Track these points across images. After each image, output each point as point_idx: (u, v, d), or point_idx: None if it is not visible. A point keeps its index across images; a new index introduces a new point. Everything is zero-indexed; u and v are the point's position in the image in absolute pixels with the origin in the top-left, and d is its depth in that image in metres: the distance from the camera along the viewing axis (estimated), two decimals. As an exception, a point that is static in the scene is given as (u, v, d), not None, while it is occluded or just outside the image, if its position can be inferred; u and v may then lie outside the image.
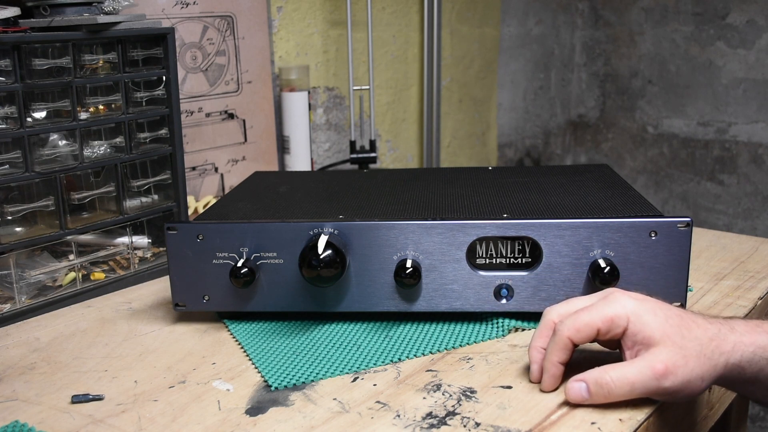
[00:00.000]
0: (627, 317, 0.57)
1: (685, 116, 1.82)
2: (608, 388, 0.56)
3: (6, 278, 0.81)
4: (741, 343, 0.56)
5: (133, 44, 0.88)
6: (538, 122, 1.92)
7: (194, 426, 0.57)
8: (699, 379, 0.55)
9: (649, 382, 0.55)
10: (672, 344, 0.56)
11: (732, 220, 1.79)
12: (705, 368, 0.56)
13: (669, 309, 0.58)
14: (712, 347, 0.56)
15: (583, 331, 0.58)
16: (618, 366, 0.57)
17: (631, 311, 0.58)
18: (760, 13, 1.66)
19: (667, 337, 0.56)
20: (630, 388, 0.56)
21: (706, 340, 0.56)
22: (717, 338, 0.57)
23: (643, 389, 0.56)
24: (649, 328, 0.57)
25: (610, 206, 0.76)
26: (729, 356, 0.56)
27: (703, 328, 0.57)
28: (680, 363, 0.55)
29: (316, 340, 0.72)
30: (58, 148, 0.83)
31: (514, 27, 1.78)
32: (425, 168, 1.20)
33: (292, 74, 1.23)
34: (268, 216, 0.77)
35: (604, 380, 0.56)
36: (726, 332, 0.57)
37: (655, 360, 0.55)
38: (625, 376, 0.56)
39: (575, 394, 0.58)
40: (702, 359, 0.56)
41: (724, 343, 0.56)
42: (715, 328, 0.57)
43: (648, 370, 0.55)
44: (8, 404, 0.62)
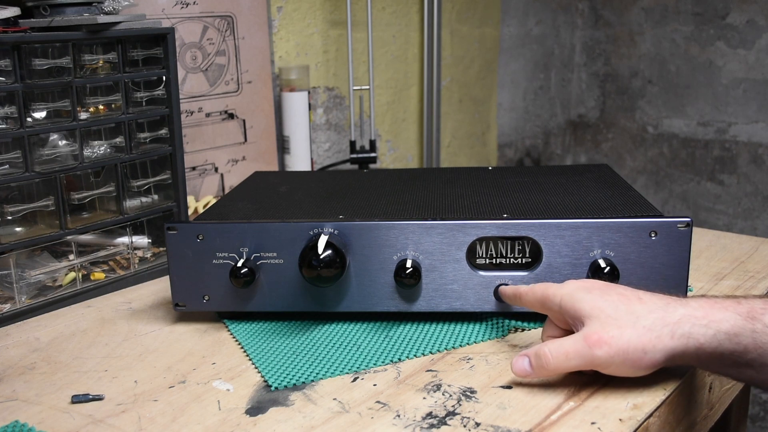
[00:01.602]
0: (560, 297, 0.61)
1: (685, 116, 1.82)
2: (546, 359, 0.58)
3: (6, 278, 0.81)
4: (691, 316, 0.56)
5: (133, 44, 0.88)
6: (538, 122, 1.92)
7: (194, 426, 0.57)
8: (640, 351, 0.56)
9: (583, 350, 0.57)
10: (605, 317, 0.57)
11: (732, 220, 1.79)
12: (645, 339, 0.55)
13: (613, 288, 0.60)
14: (652, 318, 0.56)
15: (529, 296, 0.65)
16: (557, 339, 0.59)
17: (566, 291, 0.61)
18: (760, 13, 1.66)
19: (599, 310, 0.58)
20: (565, 358, 0.58)
21: (646, 312, 0.57)
22: (660, 310, 0.57)
23: (578, 358, 0.57)
24: (580, 303, 0.59)
25: (610, 206, 0.76)
26: (675, 327, 0.55)
27: (647, 303, 0.58)
28: (614, 333, 0.56)
29: (316, 340, 0.72)
30: (58, 148, 0.83)
31: (514, 27, 1.78)
32: (425, 168, 1.20)
33: (292, 74, 1.23)
34: (268, 216, 0.77)
35: (542, 351, 0.59)
36: (675, 306, 0.57)
37: (589, 330, 0.57)
38: (562, 347, 0.58)
39: (519, 368, 0.60)
40: (640, 330, 0.56)
41: (669, 316, 0.56)
42: (662, 303, 0.58)
43: (581, 340, 0.57)
44: (8, 404, 0.62)
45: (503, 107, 1.80)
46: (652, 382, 0.61)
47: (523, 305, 0.68)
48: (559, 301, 0.61)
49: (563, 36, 1.94)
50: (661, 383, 0.61)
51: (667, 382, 0.61)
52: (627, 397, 0.59)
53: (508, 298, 0.70)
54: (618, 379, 0.61)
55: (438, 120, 1.54)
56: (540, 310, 0.65)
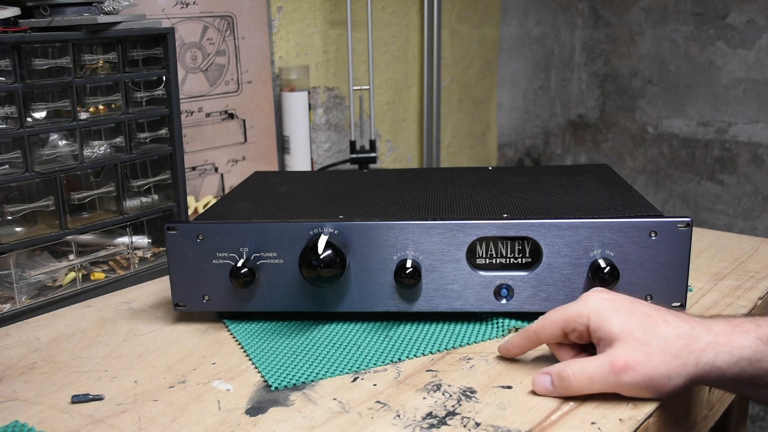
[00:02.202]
0: (588, 315, 0.58)
1: (685, 116, 1.82)
2: (569, 381, 0.57)
3: (6, 278, 0.81)
4: (715, 343, 0.55)
5: (133, 44, 0.88)
6: (538, 122, 1.92)
7: (194, 426, 0.57)
8: (665, 377, 0.55)
9: (608, 376, 0.56)
10: (633, 340, 0.55)
11: (732, 220, 1.79)
12: (671, 366, 0.54)
13: (637, 305, 0.58)
14: (679, 345, 0.55)
15: (547, 329, 0.61)
16: (581, 360, 0.58)
17: (593, 309, 0.58)
18: (760, 13, 1.66)
19: (628, 333, 0.56)
20: (589, 382, 0.56)
21: (674, 337, 0.55)
22: (687, 336, 0.55)
23: (602, 383, 0.56)
24: (609, 324, 0.57)
25: (610, 206, 0.76)
26: (700, 355, 0.55)
27: (672, 325, 0.56)
28: (641, 359, 0.55)
29: (316, 340, 0.72)
30: (58, 148, 0.83)
31: (514, 27, 1.78)
32: (425, 168, 1.20)
33: (292, 74, 1.23)
34: (268, 216, 0.77)
35: (565, 373, 0.57)
36: (700, 331, 0.56)
37: (615, 355, 0.56)
38: (585, 370, 0.57)
39: (540, 387, 0.59)
40: (667, 356, 0.55)
41: (695, 342, 0.55)
42: (688, 327, 0.56)
43: (607, 365, 0.56)
44: (8, 404, 0.62)
45: (503, 107, 1.80)
46: (652, 382, 0.61)
47: (543, 341, 0.63)
48: (586, 321, 0.58)
49: (563, 36, 1.94)
50: (661, 383, 0.61)
51: (667, 382, 0.61)
52: (627, 397, 0.59)
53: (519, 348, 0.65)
54: (618, 379, 0.61)
55: (438, 120, 1.54)
56: (561, 338, 0.61)
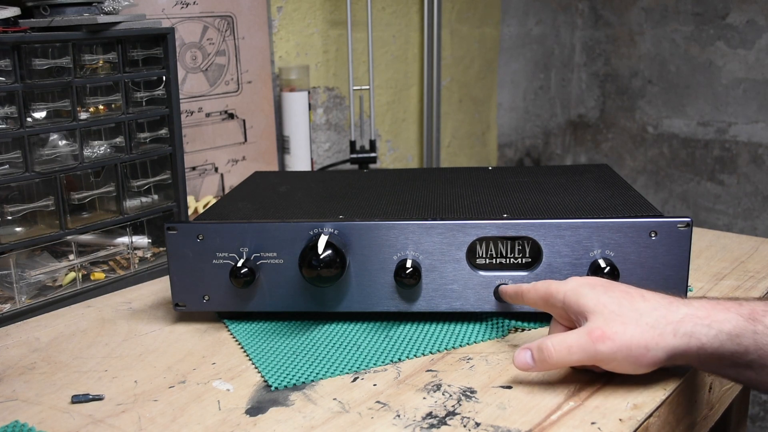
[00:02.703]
0: (564, 293, 0.61)
1: (685, 116, 1.82)
2: (548, 352, 0.58)
3: (6, 278, 0.81)
4: (694, 315, 0.56)
5: (133, 44, 0.88)
6: (538, 122, 1.92)
7: (194, 426, 0.57)
8: (642, 348, 0.56)
9: (586, 344, 0.57)
10: (609, 312, 0.57)
11: (732, 220, 1.79)
12: (648, 336, 0.56)
13: (616, 286, 0.60)
14: (655, 316, 0.56)
15: (531, 293, 0.65)
16: (560, 334, 0.59)
17: (570, 287, 0.61)
18: (760, 13, 1.66)
19: (602, 306, 0.58)
20: (567, 352, 0.58)
21: (649, 309, 0.57)
22: (663, 308, 0.57)
23: (581, 353, 0.57)
24: (584, 299, 0.59)
25: (610, 206, 0.76)
26: (677, 326, 0.56)
27: (650, 300, 0.58)
28: (618, 329, 0.56)
29: (316, 340, 0.72)
30: (58, 148, 0.83)
31: (514, 27, 1.78)
32: (425, 168, 1.20)
33: (292, 74, 1.23)
34: (268, 216, 0.77)
35: (544, 344, 0.59)
36: (678, 305, 0.57)
37: (592, 326, 0.57)
38: (564, 341, 0.58)
39: (521, 361, 0.60)
40: (643, 327, 0.56)
41: (672, 314, 0.56)
42: (666, 301, 0.58)
43: (585, 335, 0.57)
44: (8, 404, 0.62)
45: (503, 107, 1.80)
46: (652, 382, 0.61)
47: (525, 303, 0.67)
48: (562, 297, 0.61)
49: (563, 36, 1.94)
50: (661, 383, 0.61)
51: (667, 382, 0.61)
52: (627, 397, 0.59)
53: (509, 297, 0.70)
54: (618, 379, 0.61)
55: (438, 120, 1.54)
56: (543, 308, 0.65)
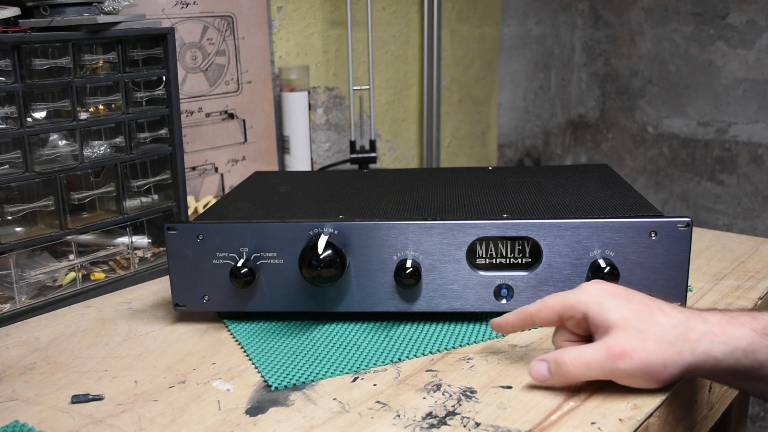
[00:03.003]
0: (586, 303, 0.59)
1: (685, 116, 1.82)
2: (565, 367, 0.58)
3: (6, 278, 0.81)
4: (710, 333, 0.55)
5: (133, 44, 0.88)
6: (538, 122, 1.92)
7: (194, 426, 0.57)
8: (661, 365, 0.55)
9: (604, 362, 0.56)
10: (630, 328, 0.56)
11: (732, 220, 1.79)
12: (666, 354, 0.55)
13: (634, 296, 0.59)
14: (675, 333, 0.56)
15: (544, 312, 0.61)
16: (578, 347, 0.58)
17: (592, 298, 0.59)
18: (760, 13, 1.66)
19: (625, 321, 0.57)
20: (585, 368, 0.57)
21: (670, 326, 0.56)
22: (683, 325, 0.56)
23: (599, 370, 0.57)
24: (606, 312, 0.58)
25: (610, 206, 0.76)
26: (695, 344, 0.55)
27: (669, 315, 0.57)
28: (638, 346, 0.55)
29: (316, 340, 0.72)
30: (58, 148, 0.83)
31: (514, 27, 1.78)
32: (425, 168, 1.20)
33: (292, 74, 1.23)
34: (268, 216, 0.77)
35: (561, 359, 0.58)
36: (695, 321, 0.56)
37: (612, 342, 0.56)
38: (582, 356, 0.57)
39: (537, 373, 0.60)
40: (663, 344, 0.55)
41: (691, 332, 0.56)
42: (684, 317, 0.57)
43: (604, 351, 0.56)
44: (8, 404, 0.62)
45: (503, 107, 1.80)
46: (652, 382, 0.61)
47: (537, 324, 0.64)
48: (585, 309, 0.59)
49: (563, 36, 1.94)
50: (661, 383, 0.61)
51: (667, 382, 0.61)
52: (627, 397, 0.59)
53: (511, 327, 0.65)
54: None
55: (438, 120, 1.54)
56: (556, 323, 0.62)
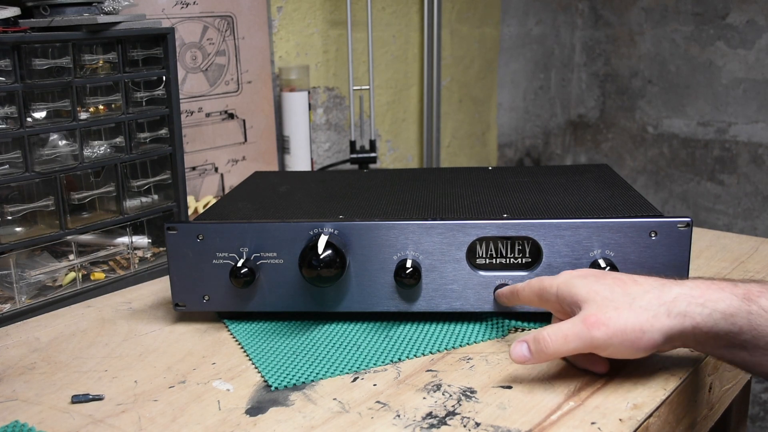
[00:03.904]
0: (556, 286, 0.61)
1: (685, 116, 1.82)
2: (544, 342, 0.58)
3: (6, 278, 0.81)
4: (687, 295, 0.56)
5: (133, 44, 0.88)
6: (538, 122, 1.92)
7: (194, 426, 0.57)
8: (638, 331, 0.56)
9: (581, 332, 0.57)
10: (602, 299, 0.58)
11: (732, 220, 1.79)
12: (642, 318, 0.56)
13: (607, 273, 0.61)
14: (648, 298, 0.56)
15: (526, 291, 0.66)
16: (555, 324, 0.60)
17: (561, 281, 0.62)
18: (760, 13, 1.66)
19: (595, 293, 0.58)
20: (563, 341, 0.58)
21: (642, 292, 0.57)
22: (656, 290, 0.57)
23: (577, 340, 0.57)
24: (576, 289, 0.60)
25: (610, 206, 0.76)
26: (671, 306, 0.56)
27: (642, 284, 0.58)
28: (611, 314, 0.56)
29: (316, 340, 0.72)
30: (58, 148, 0.83)
31: (514, 27, 1.78)
32: (425, 168, 1.20)
33: (292, 74, 1.23)
34: (268, 216, 0.77)
35: (540, 335, 0.59)
36: (671, 285, 0.57)
37: (587, 313, 0.58)
38: (559, 329, 0.58)
39: (517, 354, 0.60)
40: (636, 309, 0.56)
41: (665, 294, 0.56)
42: (658, 283, 0.58)
43: (579, 323, 0.57)
44: (8, 404, 0.62)
45: (503, 107, 1.80)
46: (652, 382, 0.61)
47: (521, 302, 0.68)
48: (555, 290, 0.62)
49: (563, 36, 1.94)
50: (661, 383, 0.61)
51: (667, 382, 0.61)
52: (627, 397, 0.59)
53: (505, 299, 0.71)
54: (618, 379, 0.61)
55: (438, 120, 1.54)
56: (538, 304, 0.65)
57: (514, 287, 0.69)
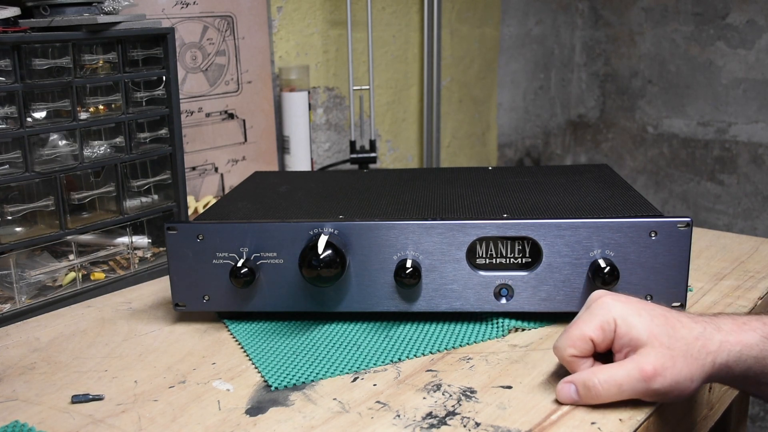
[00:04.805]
0: (614, 320, 0.57)
1: (685, 116, 1.82)
2: (596, 390, 0.56)
3: (6, 278, 0.81)
4: (727, 342, 0.56)
5: (133, 44, 0.88)
6: (538, 122, 1.92)
7: (194, 426, 0.57)
8: (688, 380, 0.55)
9: (637, 384, 0.55)
10: (659, 345, 0.56)
11: (732, 220, 1.79)
12: (693, 368, 0.55)
13: (654, 309, 0.58)
14: (698, 346, 0.56)
15: (579, 345, 0.58)
16: (606, 368, 0.57)
17: (618, 314, 0.58)
18: (760, 13, 1.66)
19: (654, 338, 0.56)
20: (618, 390, 0.56)
21: (692, 339, 0.56)
22: (702, 337, 0.56)
23: (632, 391, 0.56)
24: (635, 330, 0.56)
25: (610, 206, 0.76)
26: (716, 356, 0.56)
27: (688, 327, 0.57)
28: (668, 364, 0.55)
29: (316, 340, 0.72)
30: (58, 148, 0.83)
31: (514, 27, 1.78)
32: (425, 168, 1.20)
33: (292, 74, 1.23)
34: (268, 216, 0.77)
35: (591, 383, 0.57)
36: (712, 331, 0.57)
37: (643, 361, 0.55)
38: (613, 378, 0.56)
39: (565, 396, 0.58)
40: (689, 359, 0.55)
41: (710, 343, 0.56)
42: (701, 327, 0.57)
43: (636, 372, 0.55)
44: (8, 404, 0.62)
45: (503, 107, 1.80)
46: (652, 382, 0.61)
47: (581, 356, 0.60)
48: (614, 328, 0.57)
49: (563, 36, 1.94)
50: (661, 383, 0.61)
51: (667, 382, 0.61)
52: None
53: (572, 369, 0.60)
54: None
55: (438, 120, 1.54)
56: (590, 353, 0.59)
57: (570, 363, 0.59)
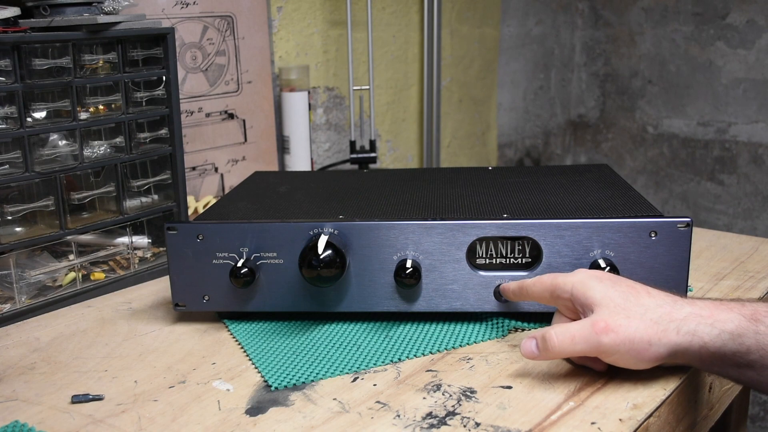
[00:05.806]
0: (572, 284, 0.61)
1: (685, 116, 1.82)
2: (551, 341, 0.59)
3: (6, 278, 0.81)
4: (697, 314, 0.57)
5: (133, 44, 0.88)
6: (538, 122, 1.92)
7: (194, 426, 0.57)
8: (645, 342, 0.56)
9: (589, 336, 0.57)
10: (615, 306, 0.58)
11: (732, 220, 1.79)
12: (651, 332, 0.56)
13: (622, 280, 0.61)
14: (660, 312, 0.57)
15: (537, 287, 0.65)
16: (564, 323, 0.60)
17: (577, 280, 0.62)
18: (760, 13, 1.66)
19: (609, 299, 0.59)
20: (570, 342, 0.58)
21: (654, 305, 0.58)
22: (668, 306, 0.58)
23: (583, 343, 0.58)
24: (591, 291, 0.60)
25: (610, 206, 0.76)
26: (681, 324, 0.56)
27: (655, 297, 0.59)
28: (622, 322, 0.57)
29: (316, 340, 0.72)
30: (58, 148, 0.83)
31: (514, 27, 1.78)
32: (425, 168, 1.20)
33: (292, 74, 1.23)
34: (268, 216, 0.77)
35: (548, 334, 0.60)
36: (682, 304, 0.58)
37: (597, 317, 0.58)
38: (567, 330, 0.59)
39: (526, 350, 0.61)
40: (647, 322, 0.57)
41: (676, 312, 0.57)
42: (671, 299, 0.58)
43: (589, 326, 0.58)
44: (8, 404, 0.62)
45: (503, 107, 1.80)
46: (652, 382, 0.61)
47: (530, 298, 0.67)
48: (570, 288, 0.62)
49: (563, 36, 1.94)
50: (661, 383, 0.61)
51: (667, 382, 0.61)
52: (627, 397, 0.59)
53: (511, 294, 0.70)
54: (618, 379, 0.61)
55: (438, 120, 1.54)
56: (548, 301, 0.65)
57: (522, 282, 0.68)
